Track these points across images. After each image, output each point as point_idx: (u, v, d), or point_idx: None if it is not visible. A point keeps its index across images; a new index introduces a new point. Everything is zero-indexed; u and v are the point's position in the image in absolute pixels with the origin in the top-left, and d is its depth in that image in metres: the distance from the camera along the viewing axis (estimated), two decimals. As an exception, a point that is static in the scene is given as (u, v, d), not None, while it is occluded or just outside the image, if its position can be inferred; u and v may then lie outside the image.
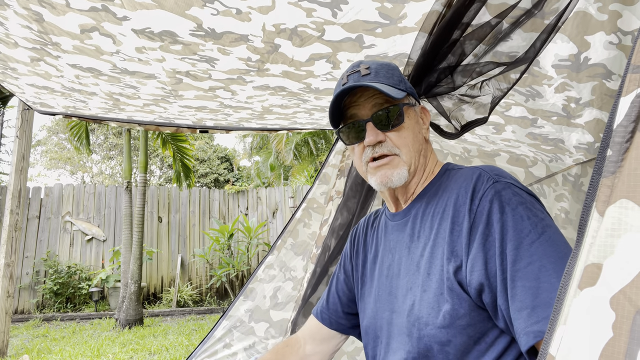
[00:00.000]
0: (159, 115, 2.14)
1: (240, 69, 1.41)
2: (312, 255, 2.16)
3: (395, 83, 1.01)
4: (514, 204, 0.83)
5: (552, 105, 1.41)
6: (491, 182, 0.87)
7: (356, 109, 1.01)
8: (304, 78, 1.48)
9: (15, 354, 4.92)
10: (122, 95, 1.79)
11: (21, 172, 3.79)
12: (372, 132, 0.98)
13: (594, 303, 0.41)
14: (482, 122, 1.27)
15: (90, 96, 1.86)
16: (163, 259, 8.80)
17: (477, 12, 1.06)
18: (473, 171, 0.93)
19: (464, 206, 0.88)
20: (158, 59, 1.35)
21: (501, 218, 0.81)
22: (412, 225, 1.00)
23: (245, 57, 1.33)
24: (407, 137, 1.00)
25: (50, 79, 1.67)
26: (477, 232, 0.83)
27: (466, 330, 0.83)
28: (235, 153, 18.58)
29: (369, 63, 1.03)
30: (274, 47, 1.27)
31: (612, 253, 0.41)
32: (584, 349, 0.40)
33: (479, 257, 0.82)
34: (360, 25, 1.16)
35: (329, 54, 1.31)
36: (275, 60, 1.35)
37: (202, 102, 1.80)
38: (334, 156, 2.39)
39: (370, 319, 1.08)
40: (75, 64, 1.46)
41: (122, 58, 1.37)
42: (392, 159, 0.99)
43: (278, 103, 1.84)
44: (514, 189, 0.86)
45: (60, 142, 17.30)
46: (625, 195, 0.42)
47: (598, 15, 1.01)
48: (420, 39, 1.19)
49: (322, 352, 1.25)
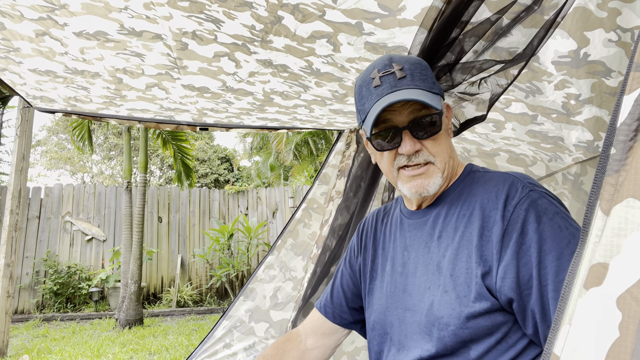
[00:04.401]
0: (160, 106, 2.14)
1: (245, 36, 1.41)
2: (312, 255, 2.16)
3: (431, 86, 0.97)
4: (550, 213, 0.82)
5: (552, 102, 1.41)
6: (527, 190, 0.87)
7: (391, 114, 0.95)
8: (305, 55, 1.49)
9: (15, 354, 4.92)
10: (125, 73, 1.78)
11: (21, 172, 3.79)
12: (409, 142, 0.94)
13: (600, 303, 0.40)
14: (481, 119, 1.26)
15: (92, 79, 1.84)
16: (163, 259, 8.80)
17: (476, 9, 1.05)
18: (505, 177, 0.92)
19: (496, 211, 0.87)
20: (166, 16, 1.36)
21: (538, 228, 0.81)
22: (433, 224, 0.99)
23: (250, 25, 1.34)
24: (442, 145, 0.98)
25: (54, 57, 1.67)
26: (510, 240, 0.82)
27: (489, 330, 0.84)
28: (236, 153, 18.58)
29: (401, 61, 0.97)
30: (277, 18, 1.27)
31: (619, 252, 0.41)
32: (589, 349, 0.40)
33: (512, 264, 0.81)
34: (359, 13, 1.16)
35: (329, 34, 1.32)
36: (278, 32, 1.36)
37: (205, 79, 1.79)
38: (334, 156, 2.39)
39: (379, 314, 1.07)
40: (81, 30, 1.46)
41: (130, 15, 1.37)
42: (428, 168, 0.96)
43: (279, 89, 1.83)
44: (549, 198, 0.85)
45: (60, 142, 17.31)
46: (632, 194, 0.41)
47: (597, 12, 1.01)
48: (420, 35, 1.18)
49: (324, 346, 1.25)
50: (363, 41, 1.32)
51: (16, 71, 1.83)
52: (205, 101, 2.03)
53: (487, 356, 0.85)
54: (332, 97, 1.85)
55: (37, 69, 1.79)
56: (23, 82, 1.96)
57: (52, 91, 2.04)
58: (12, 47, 1.61)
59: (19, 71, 1.82)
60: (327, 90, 1.77)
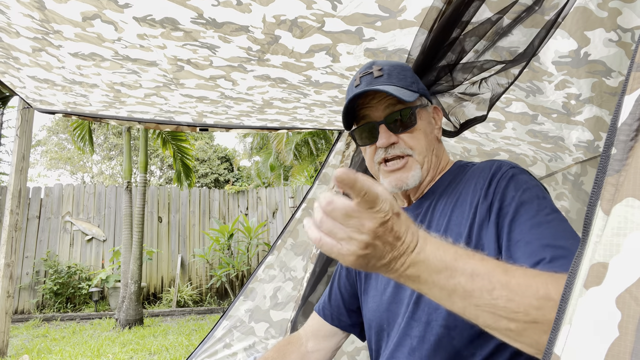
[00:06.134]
0: (159, 109, 2.13)
1: (241, 57, 1.42)
2: (312, 255, 2.16)
3: (408, 85, 1.02)
4: (530, 185, 0.87)
5: (553, 102, 1.41)
6: (508, 166, 0.92)
7: (369, 110, 1.03)
8: (304, 70, 1.49)
9: (15, 354, 4.92)
10: (123, 86, 1.78)
11: (21, 172, 3.79)
12: (385, 135, 1.00)
13: (600, 302, 0.41)
14: (481, 120, 1.27)
15: (91, 89, 1.85)
16: (163, 259, 8.79)
17: (477, 9, 1.05)
18: (491, 162, 0.97)
19: (482, 190, 0.91)
20: (160, 45, 1.37)
21: (515, 195, 0.85)
22: (424, 217, 1.02)
23: (246, 47, 1.35)
24: (420, 138, 1.02)
25: (52, 70, 1.68)
26: (493, 208, 0.87)
27: None
28: (236, 153, 18.58)
29: (382, 64, 1.04)
30: (274, 38, 1.28)
31: (619, 252, 0.41)
32: (589, 348, 0.40)
33: (493, 226, 0.85)
34: (360, 18, 1.17)
35: (328, 46, 1.32)
36: (275, 51, 1.36)
37: (203, 91, 1.80)
38: (334, 156, 2.39)
39: (374, 312, 1.08)
40: (76, 52, 1.47)
41: (124, 45, 1.38)
42: (406, 161, 1.01)
43: (278, 96, 1.84)
44: (529, 175, 0.91)
45: (60, 142, 17.31)
46: (632, 193, 0.41)
47: (598, 12, 1.01)
48: (421, 36, 1.18)
49: (324, 349, 1.25)
50: (363, 48, 1.32)
51: (16, 75, 1.83)
52: (205, 105, 2.04)
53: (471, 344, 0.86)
54: (332, 101, 1.85)
55: (36, 77, 1.80)
56: (23, 86, 1.97)
57: (52, 97, 2.05)
58: (11, 56, 1.62)
59: (19, 76, 1.83)
60: (326, 96, 1.77)
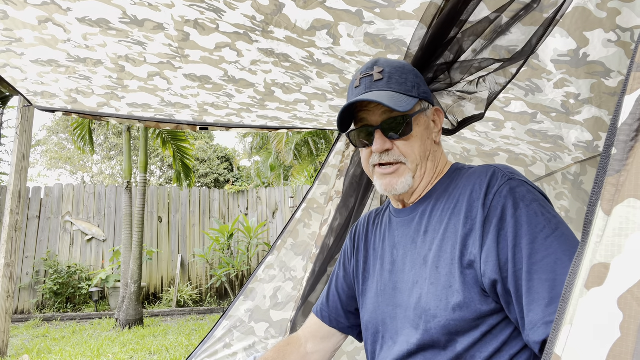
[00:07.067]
0: (161, 99, 2.14)
1: (246, 25, 1.42)
2: (311, 255, 2.16)
3: (408, 89, 1.01)
4: (528, 200, 0.85)
5: (552, 101, 1.41)
6: (506, 179, 0.90)
7: (366, 113, 1.03)
8: (306, 46, 1.50)
9: (15, 354, 4.92)
10: (128, 61, 1.79)
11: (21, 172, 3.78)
12: (380, 140, 1.00)
13: (602, 303, 0.40)
14: (479, 118, 1.26)
15: (95, 67, 1.86)
16: (163, 259, 8.79)
17: (475, 7, 1.05)
18: (487, 168, 0.95)
19: (478, 201, 0.90)
20: (168, 4, 1.37)
21: (515, 213, 0.84)
22: (420, 221, 1.02)
23: (251, 15, 1.35)
24: (415, 146, 1.01)
25: (57, 45, 1.69)
26: (490, 226, 0.86)
27: (475, 322, 0.85)
28: (236, 153, 18.58)
29: (384, 65, 1.03)
30: (278, 7, 1.28)
31: (620, 252, 0.41)
32: (591, 349, 0.40)
33: (493, 249, 0.84)
34: (360, 0, 1.17)
35: (330, 24, 1.32)
36: (278, 23, 1.36)
37: (207, 68, 1.80)
38: (334, 156, 2.38)
39: (371, 314, 1.08)
40: (84, 16, 1.48)
41: (133, 1, 1.38)
42: (398, 168, 1.01)
43: (281, 81, 1.84)
44: (527, 186, 0.89)
45: (60, 142, 17.30)
46: (633, 194, 0.41)
47: (597, 12, 1.01)
48: (420, 31, 1.18)
49: (323, 350, 1.26)
50: (363, 32, 1.32)
51: (17, 65, 1.84)
52: (207, 93, 2.04)
53: (473, 349, 0.86)
54: (333, 90, 1.85)
55: (39, 59, 1.80)
56: (24, 77, 1.97)
57: (54, 84, 2.05)
58: (14, 38, 1.62)
59: (21, 64, 1.83)
60: (327, 82, 1.77)
